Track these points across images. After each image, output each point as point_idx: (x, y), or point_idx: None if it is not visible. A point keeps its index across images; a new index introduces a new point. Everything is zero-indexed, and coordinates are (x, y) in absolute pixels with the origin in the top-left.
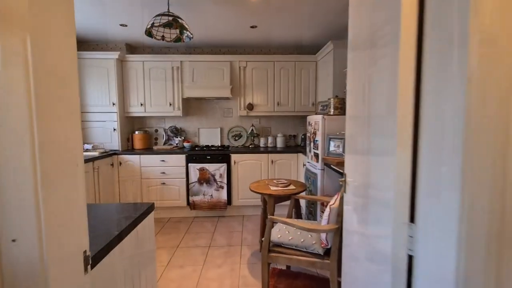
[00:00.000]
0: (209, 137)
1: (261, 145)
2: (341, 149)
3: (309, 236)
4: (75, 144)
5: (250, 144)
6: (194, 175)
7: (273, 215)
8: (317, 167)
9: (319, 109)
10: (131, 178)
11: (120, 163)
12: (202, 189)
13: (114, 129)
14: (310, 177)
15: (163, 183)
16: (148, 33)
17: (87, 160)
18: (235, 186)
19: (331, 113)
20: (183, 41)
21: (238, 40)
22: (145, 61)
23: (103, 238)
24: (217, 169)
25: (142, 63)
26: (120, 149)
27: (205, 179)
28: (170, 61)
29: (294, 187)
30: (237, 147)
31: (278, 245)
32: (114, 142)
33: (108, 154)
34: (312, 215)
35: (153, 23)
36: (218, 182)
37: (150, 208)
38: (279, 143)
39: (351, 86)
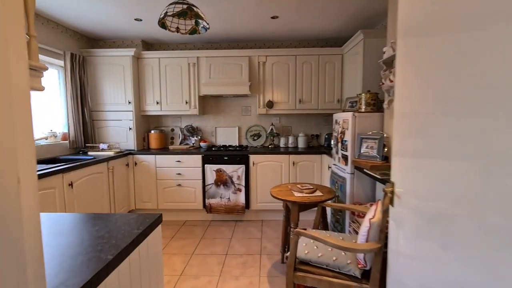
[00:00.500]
0: (227, 136)
1: (281, 145)
2: (375, 151)
3: (343, 253)
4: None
5: (270, 144)
6: (210, 177)
7: (297, 225)
8: (345, 171)
9: (347, 106)
10: (147, 179)
11: (136, 163)
12: (219, 192)
13: (130, 128)
14: (336, 181)
15: (179, 185)
16: (162, 24)
17: (102, 160)
18: (253, 189)
19: (362, 110)
20: (199, 33)
21: (257, 33)
22: (161, 57)
23: (94, 264)
24: (234, 170)
25: (158, 60)
26: (135, 149)
27: (222, 181)
28: (186, 57)
29: (321, 194)
30: (255, 147)
31: (306, 262)
32: (130, 141)
33: (124, 154)
34: (339, 223)
35: (166, 12)
36: (235, 185)
37: (157, 221)
38: (301, 143)
39: (403, 78)
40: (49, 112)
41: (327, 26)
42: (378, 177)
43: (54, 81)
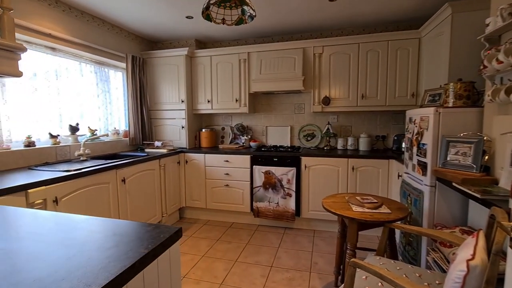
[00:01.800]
0: (278, 136)
1: (339, 147)
2: (470, 159)
3: None
4: None
5: (325, 146)
6: (259, 179)
7: (355, 246)
8: (423, 182)
9: (427, 100)
10: (196, 177)
11: (186, 162)
12: (267, 195)
13: (182, 127)
14: (409, 194)
15: (227, 185)
16: (207, 16)
17: (154, 158)
18: (305, 195)
19: (450, 104)
20: (246, 22)
21: (313, 21)
22: (212, 55)
23: None
24: (284, 173)
25: (209, 58)
26: (187, 147)
27: (271, 184)
28: (237, 53)
29: (388, 211)
30: (309, 148)
31: None
32: (182, 139)
33: (175, 152)
34: (411, 247)
35: (209, 0)
36: (285, 189)
37: (174, 236)
38: (363, 145)
39: None
40: (116, 111)
41: (397, 5)
42: (477, 196)
43: (119, 83)
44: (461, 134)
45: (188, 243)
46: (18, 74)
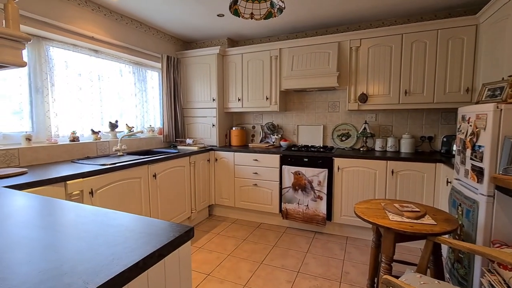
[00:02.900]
0: (310, 136)
1: (377, 148)
2: None
3: None
4: None
5: (362, 147)
6: (288, 179)
7: (391, 260)
8: (478, 191)
9: (485, 95)
10: (225, 175)
11: (216, 159)
12: (296, 197)
13: (213, 125)
14: (460, 203)
15: (255, 184)
16: (234, 11)
17: (184, 155)
18: (337, 199)
19: None
20: (275, 16)
21: (349, 12)
22: (244, 53)
23: None
24: (315, 174)
25: (241, 56)
26: (217, 145)
27: (301, 185)
28: (268, 50)
29: (433, 222)
30: (343, 149)
31: None
32: (213, 137)
33: (206, 150)
34: (461, 265)
35: None
36: (316, 191)
37: (185, 235)
38: (405, 147)
39: None
40: (151, 109)
41: None
42: None
43: (156, 82)
44: None
45: (215, 241)
46: (22, 64)
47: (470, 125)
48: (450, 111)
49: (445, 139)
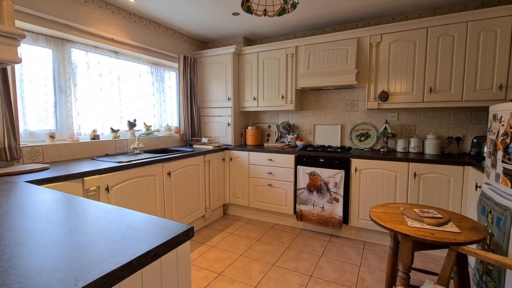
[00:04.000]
0: (327, 135)
1: (399, 149)
2: None
3: None
4: None
5: (382, 148)
6: (303, 180)
7: (409, 269)
8: (511, 197)
9: None
10: (240, 175)
11: (231, 159)
12: (311, 198)
13: (229, 124)
14: (490, 210)
15: (270, 185)
16: (247, 8)
17: (199, 154)
18: (354, 201)
19: None
20: (289, 12)
21: (369, 6)
22: (259, 52)
23: None
24: (331, 176)
25: (256, 55)
26: (233, 144)
27: (316, 186)
28: (284, 48)
29: (457, 230)
30: (362, 149)
31: None
32: (228, 137)
33: (221, 149)
34: (491, 278)
35: None
36: (332, 193)
37: (183, 235)
38: (430, 148)
39: None
40: (169, 109)
41: None
42: None
43: (173, 82)
44: None
45: (228, 240)
46: (17, 61)
47: (502, 125)
48: (481, 110)
49: (475, 140)
